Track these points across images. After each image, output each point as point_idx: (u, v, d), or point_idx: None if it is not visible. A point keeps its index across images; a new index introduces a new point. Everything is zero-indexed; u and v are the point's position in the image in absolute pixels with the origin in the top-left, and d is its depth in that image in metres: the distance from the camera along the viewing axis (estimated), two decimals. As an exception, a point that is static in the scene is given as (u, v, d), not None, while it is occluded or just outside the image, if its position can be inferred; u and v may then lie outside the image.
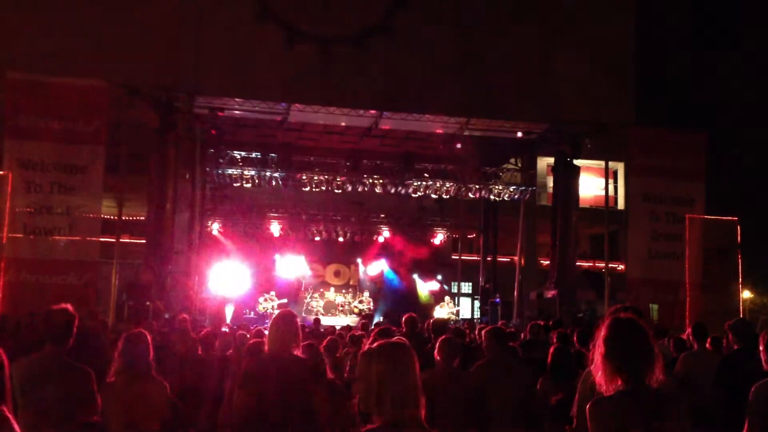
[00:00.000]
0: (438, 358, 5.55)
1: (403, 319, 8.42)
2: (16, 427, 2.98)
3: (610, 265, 18.69)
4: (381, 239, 26.39)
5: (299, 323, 5.19)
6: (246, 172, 21.34)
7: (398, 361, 2.97)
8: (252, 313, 24.06)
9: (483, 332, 6.91)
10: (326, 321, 20.45)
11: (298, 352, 5.03)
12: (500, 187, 23.22)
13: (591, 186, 28.81)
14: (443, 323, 9.74)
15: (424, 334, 8.55)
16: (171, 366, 6.24)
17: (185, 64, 22.01)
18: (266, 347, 5.13)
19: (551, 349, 6.50)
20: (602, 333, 3.36)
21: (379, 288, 27.65)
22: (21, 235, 13.64)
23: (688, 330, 7.95)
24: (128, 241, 22.57)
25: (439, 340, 5.70)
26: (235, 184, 21.84)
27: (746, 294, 27.18)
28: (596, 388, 3.33)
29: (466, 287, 29.64)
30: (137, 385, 4.87)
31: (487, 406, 5.50)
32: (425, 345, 7.11)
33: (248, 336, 11.72)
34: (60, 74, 14.91)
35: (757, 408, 4.15)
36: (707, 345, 7.52)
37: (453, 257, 28.09)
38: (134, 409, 4.79)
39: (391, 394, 2.89)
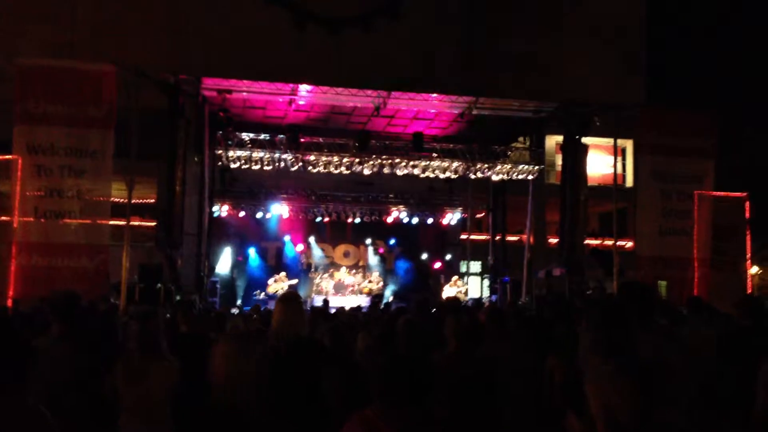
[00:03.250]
0: (450, 338, 5.52)
1: (414, 300, 8.46)
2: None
3: (618, 243, 18.68)
4: (390, 219, 26.44)
5: (303, 304, 5.22)
6: (255, 154, 21.37)
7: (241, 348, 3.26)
8: (262, 294, 24.21)
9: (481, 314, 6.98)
10: (336, 301, 20.56)
11: (305, 333, 5.08)
12: (509, 166, 23.19)
13: (599, 164, 28.77)
14: (455, 302, 9.78)
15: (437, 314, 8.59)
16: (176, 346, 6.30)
17: (193, 46, 22.03)
18: (273, 329, 5.17)
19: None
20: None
21: (389, 268, 27.76)
22: (32, 219, 13.74)
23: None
24: (139, 224, 22.72)
25: (449, 320, 5.63)
26: (244, 166, 21.87)
27: (754, 270, 27.15)
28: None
29: (476, 266, 29.70)
30: (149, 363, 4.95)
31: (497, 388, 5.49)
32: (437, 325, 7.10)
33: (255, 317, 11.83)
34: (68, 59, 14.97)
35: (766, 384, 4.18)
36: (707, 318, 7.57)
37: (462, 237, 28.14)
38: (146, 386, 4.86)
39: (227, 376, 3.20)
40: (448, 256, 28.25)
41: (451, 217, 27.13)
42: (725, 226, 17.34)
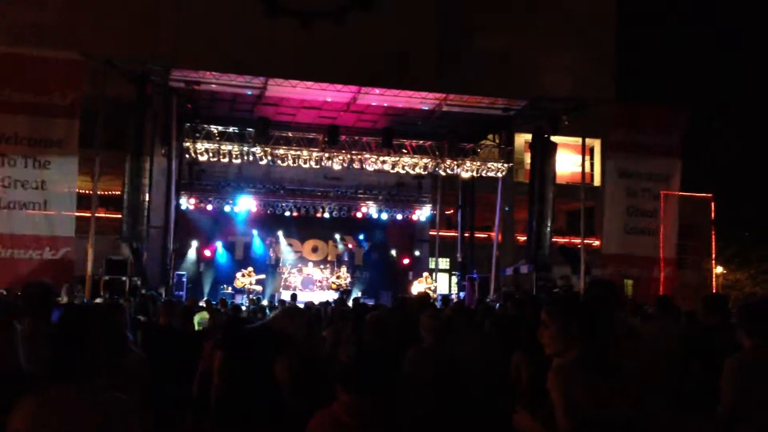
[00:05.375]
0: (427, 333, 5.47)
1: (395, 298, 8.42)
2: None
3: (585, 241, 18.83)
4: (359, 215, 26.38)
5: (306, 317, 5.34)
6: (223, 147, 21.20)
7: None
8: (229, 288, 24.02)
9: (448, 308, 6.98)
10: (304, 296, 20.48)
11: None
12: (478, 163, 23.26)
13: (568, 162, 28.97)
14: (425, 297, 9.76)
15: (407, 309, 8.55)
16: (151, 338, 6.29)
17: (162, 37, 21.79)
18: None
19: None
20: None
21: (358, 264, 27.72)
22: (-5, 209, 13.51)
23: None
24: (104, 216, 22.43)
25: (426, 316, 5.62)
26: (212, 159, 21.67)
27: (719, 270, 27.53)
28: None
29: (444, 263, 29.77)
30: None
31: (459, 383, 5.46)
32: (410, 321, 7.05)
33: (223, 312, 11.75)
34: (36, 47, 14.72)
35: (731, 380, 4.22)
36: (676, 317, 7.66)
37: (431, 233, 28.17)
38: (111, 381, 4.78)
39: None
40: (417, 253, 28.28)
41: (420, 214, 27.14)
42: (690, 226, 17.56)
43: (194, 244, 25.47)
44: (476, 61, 25.84)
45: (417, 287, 24.21)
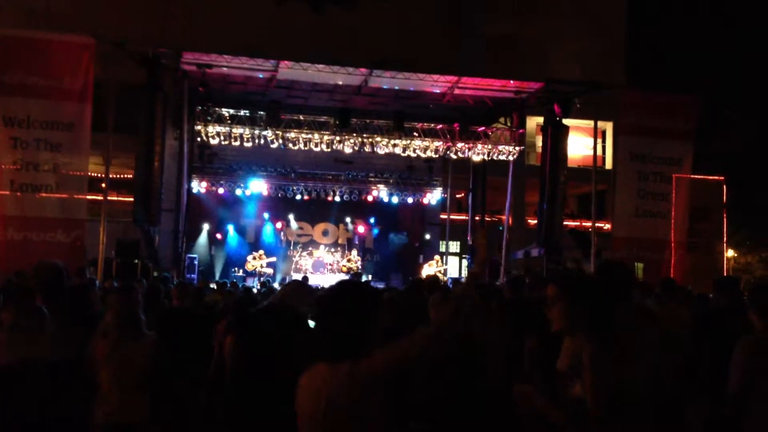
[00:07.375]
0: (433, 315, 5.48)
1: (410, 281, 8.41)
2: None
3: (596, 225, 18.78)
4: (370, 198, 26.39)
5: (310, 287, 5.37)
6: (234, 130, 21.19)
7: None
8: (240, 271, 24.12)
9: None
10: (315, 279, 20.53)
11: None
12: (489, 147, 23.19)
13: (579, 146, 28.92)
14: (434, 280, 9.76)
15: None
16: (165, 319, 6.35)
17: (173, 19, 21.76)
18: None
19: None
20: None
21: (368, 247, 27.76)
22: (8, 192, 13.57)
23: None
24: (116, 199, 22.54)
25: (434, 297, 5.61)
26: (223, 142, 21.67)
27: (730, 253, 27.44)
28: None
29: (455, 246, 29.78)
30: (126, 341, 4.91)
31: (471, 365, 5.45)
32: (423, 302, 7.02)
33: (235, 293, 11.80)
34: (46, 30, 14.74)
35: (741, 360, 4.23)
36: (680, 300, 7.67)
37: (442, 216, 28.17)
38: (122, 363, 4.83)
39: None
40: (428, 236, 28.29)
41: (431, 197, 27.13)
42: (702, 209, 17.48)
43: (206, 227, 25.56)
44: (487, 45, 25.73)
45: (427, 270, 24.23)
